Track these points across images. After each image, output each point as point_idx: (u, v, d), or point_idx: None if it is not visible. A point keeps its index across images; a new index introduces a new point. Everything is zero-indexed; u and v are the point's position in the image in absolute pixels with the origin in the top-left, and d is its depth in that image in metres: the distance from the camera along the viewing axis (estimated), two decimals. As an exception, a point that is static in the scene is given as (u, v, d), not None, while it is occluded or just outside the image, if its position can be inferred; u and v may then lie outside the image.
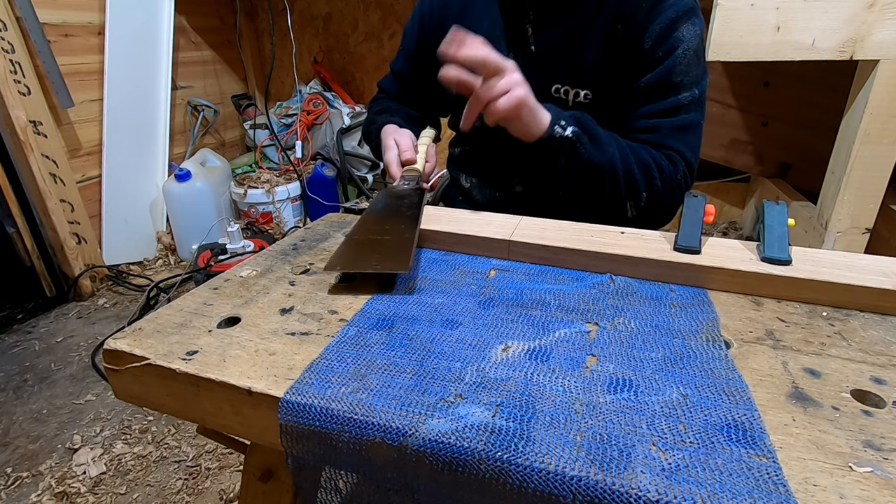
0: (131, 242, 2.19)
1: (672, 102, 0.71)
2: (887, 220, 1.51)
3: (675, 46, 0.69)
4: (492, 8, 0.81)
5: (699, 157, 0.75)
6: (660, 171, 0.70)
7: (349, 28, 2.63)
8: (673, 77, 0.70)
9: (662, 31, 0.69)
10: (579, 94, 0.76)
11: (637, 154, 0.70)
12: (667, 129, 0.72)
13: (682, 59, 0.69)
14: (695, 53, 0.70)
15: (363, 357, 0.42)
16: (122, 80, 2.08)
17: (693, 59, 0.70)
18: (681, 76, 0.70)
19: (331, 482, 0.41)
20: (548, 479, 0.31)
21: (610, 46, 0.72)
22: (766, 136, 2.02)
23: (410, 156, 0.77)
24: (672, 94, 0.71)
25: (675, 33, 0.69)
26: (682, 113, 0.72)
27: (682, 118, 0.72)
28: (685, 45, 0.69)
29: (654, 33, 0.69)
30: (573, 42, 0.74)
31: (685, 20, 0.69)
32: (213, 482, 1.17)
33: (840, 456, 0.32)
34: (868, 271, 0.50)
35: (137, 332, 0.46)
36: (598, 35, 0.73)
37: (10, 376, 1.53)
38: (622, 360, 0.41)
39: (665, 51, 0.69)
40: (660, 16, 0.69)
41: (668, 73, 0.70)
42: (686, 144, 0.72)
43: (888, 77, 1.24)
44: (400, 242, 0.57)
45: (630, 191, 0.70)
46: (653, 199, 0.71)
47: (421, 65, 0.92)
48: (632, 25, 0.70)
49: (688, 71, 0.70)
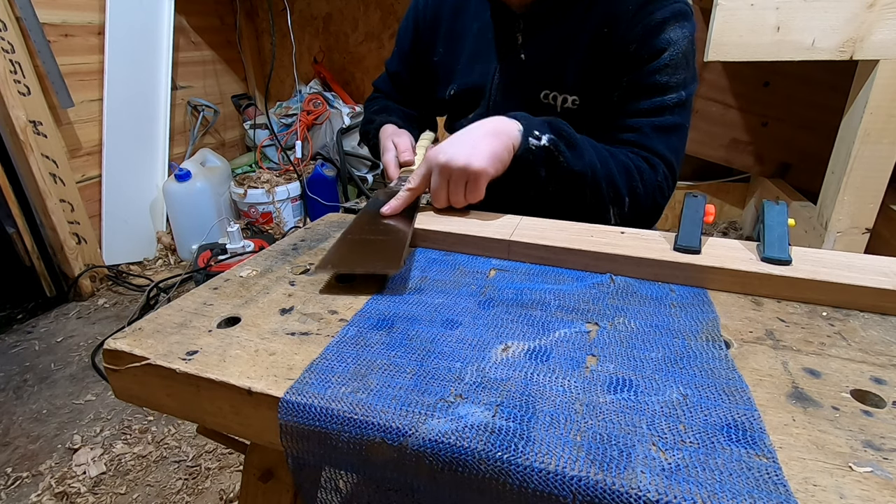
0: (131, 242, 2.19)
1: (657, 103, 0.70)
2: (887, 220, 1.51)
3: (663, 48, 0.68)
4: (484, 11, 0.81)
5: (681, 161, 0.74)
6: (640, 174, 0.69)
7: (349, 28, 2.63)
8: (659, 77, 0.69)
9: (648, 32, 0.68)
10: (567, 100, 0.75)
11: (617, 158, 0.69)
12: (649, 130, 0.71)
13: (668, 60, 0.68)
14: (683, 56, 0.69)
15: (363, 357, 0.42)
16: (122, 80, 2.08)
17: (682, 62, 0.69)
18: (667, 77, 0.69)
19: (331, 482, 0.41)
20: (548, 479, 0.31)
21: (597, 50, 0.72)
22: (766, 136, 2.02)
23: (409, 157, 0.77)
24: (657, 94, 0.70)
25: (663, 34, 0.68)
26: (667, 114, 0.71)
27: (665, 119, 0.71)
28: (673, 48, 0.68)
29: (639, 34, 0.69)
30: (562, 49, 0.74)
31: (674, 23, 0.68)
32: (213, 482, 1.17)
33: (840, 456, 0.32)
34: (868, 271, 0.50)
35: (137, 332, 0.46)
36: (586, 40, 0.72)
37: (10, 376, 1.53)
38: (622, 360, 0.41)
39: (652, 51, 0.69)
40: (647, 17, 0.68)
41: (654, 73, 0.69)
42: (668, 147, 0.71)
43: (888, 77, 1.24)
44: (393, 242, 0.57)
45: (613, 196, 0.69)
46: (634, 203, 0.70)
47: (415, 64, 0.92)
48: (618, 28, 0.70)
49: (675, 73, 0.69)
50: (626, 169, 0.69)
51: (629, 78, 0.70)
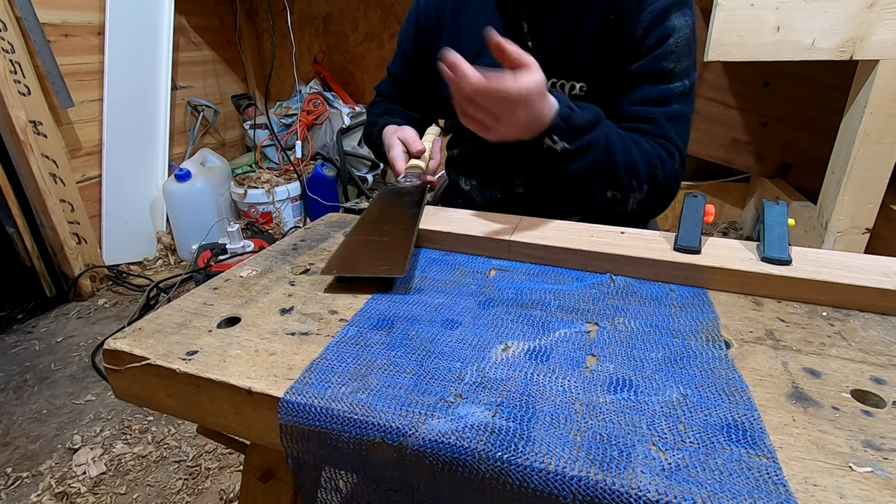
0: (131, 242, 2.19)
1: (664, 90, 0.72)
2: (887, 220, 1.51)
3: (668, 34, 0.70)
4: (488, 7, 0.81)
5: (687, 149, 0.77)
6: (661, 162, 0.71)
7: (349, 28, 2.63)
8: (665, 64, 0.71)
9: (654, 19, 0.70)
10: (575, 87, 0.77)
11: (640, 147, 0.70)
12: (662, 119, 0.72)
13: (673, 47, 0.70)
14: (686, 44, 0.71)
15: (363, 357, 0.42)
16: (122, 80, 2.08)
17: (685, 49, 0.71)
18: (673, 64, 0.71)
19: (331, 482, 0.41)
20: (548, 479, 0.31)
21: (603, 37, 0.73)
22: (766, 136, 2.02)
23: (420, 146, 0.77)
24: (664, 81, 0.71)
25: (668, 22, 0.70)
26: (674, 103, 0.72)
27: (673, 108, 0.72)
28: (677, 35, 0.70)
29: (645, 21, 0.70)
30: (568, 36, 0.75)
31: (676, 10, 0.70)
32: (213, 482, 1.17)
33: (840, 456, 0.32)
34: (868, 271, 0.50)
35: (137, 332, 0.46)
36: (592, 27, 0.74)
37: (10, 376, 1.53)
38: (622, 360, 0.41)
39: (657, 38, 0.70)
40: (651, 4, 0.70)
41: (660, 59, 0.70)
42: (679, 135, 0.73)
43: (888, 77, 1.24)
44: (397, 245, 0.57)
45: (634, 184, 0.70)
46: (654, 190, 0.72)
47: (417, 66, 0.92)
48: (624, 15, 0.71)
49: (679, 60, 0.71)
50: (650, 157, 0.70)
51: (637, 65, 0.72)
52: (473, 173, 0.90)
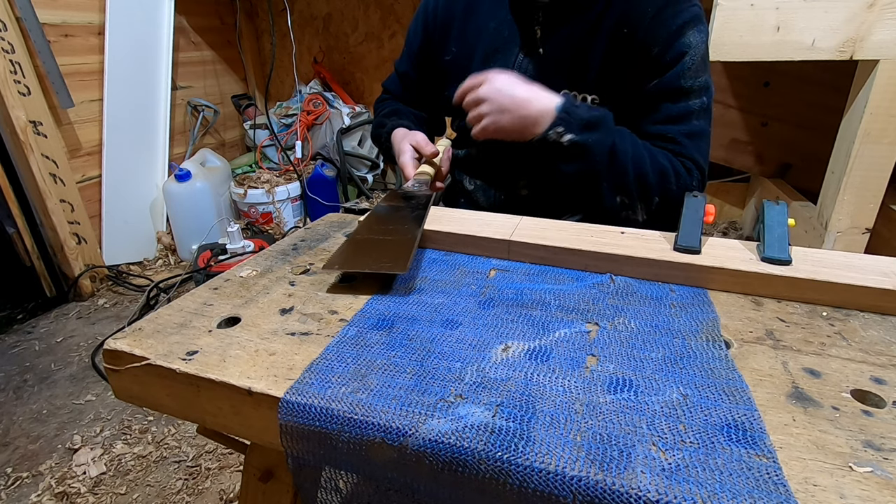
0: (131, 242, 2.19)
1: (683, 108, 0.72)
2: (887, 220, 1.51)
3: (684, 52, 0.70)
4: (500, 9, 0.81)
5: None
6: (676, 176, 0.71)
7: (349, 28, 2.63)
8: (683, 82, 0.70)
9: (670, 36, 0.70)
10: (587, 99, 0.76)
11: (655, 158, 0.71)
12: (682, 138, 0.72)
13: (690, 64, 0.70)
14: (702, 60, 0.71)
15: (363, 357, 0.42)
16: (122, 80, 2.08)
17: (701, 66, 0.71)
18: (690, 81, 0.71)
19: (331, 482, 0.41)
20: (548, 479, 0.31)
21: (615, 50, 0.73)
22: (766, 136, 2.02)
23: (433, 149, 0.78)
24: (683, 98, 0.71)
25: (683, 38, 0.70)
26: (693, 119, 0.72)
27: (693, 125, 0.72)
28: (693, 52, 0.70)
29: (661, 38, 0.70)
30: (580, 45, 0.75)
31: (692, 26, 0.70)
32: (213, 482, 1.17)
33: (840, 456, 0.32)
34: (868, 271, 0.50)
35: (137, 333, 0.46)
36: (604, 39, 0.73)
37: (10, 376, 1.53)
38: (622, 360, 0.41)
39: (673, 56, 0.70)
40: (666, 21, 0.69)
41: (678, 77, 0.70)
42: (699, 153, 0.73)
43: (888, 77, 1.24)
44: (401, 243, 0.57)
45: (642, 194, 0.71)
46: (665, 202, 0.72)
47: (425, 65, 0.92)
48: (638, 30, 0.71)
49: (696, 77, 0.71)
50: (663, 170, 0.71)
51: (654, 83, 0.72)
52: (478, 173, 0.90)
